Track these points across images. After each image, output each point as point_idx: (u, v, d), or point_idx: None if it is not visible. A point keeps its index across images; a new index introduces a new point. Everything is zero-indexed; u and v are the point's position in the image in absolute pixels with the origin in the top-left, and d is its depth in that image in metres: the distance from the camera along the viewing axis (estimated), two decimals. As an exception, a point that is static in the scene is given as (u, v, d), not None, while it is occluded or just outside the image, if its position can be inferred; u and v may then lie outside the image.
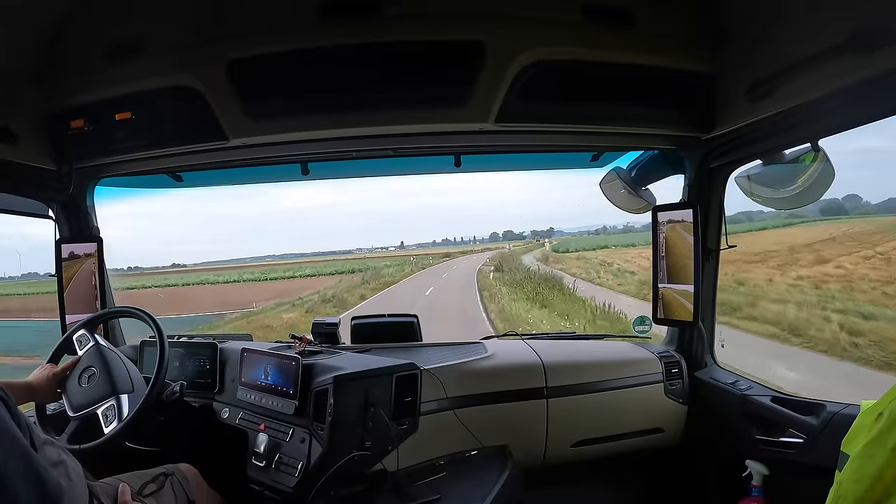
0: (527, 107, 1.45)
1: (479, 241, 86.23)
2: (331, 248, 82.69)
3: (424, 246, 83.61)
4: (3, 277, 22.27)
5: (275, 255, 68.24)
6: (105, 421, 1.37)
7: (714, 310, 1.88)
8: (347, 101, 1.43)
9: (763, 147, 1.49)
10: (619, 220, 50.25)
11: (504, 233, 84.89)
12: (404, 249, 75.70)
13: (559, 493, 1.89)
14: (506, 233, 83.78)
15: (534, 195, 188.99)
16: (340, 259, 54.92)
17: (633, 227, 46.53)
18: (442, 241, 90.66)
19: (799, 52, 1.18)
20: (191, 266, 49.35)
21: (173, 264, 44.45)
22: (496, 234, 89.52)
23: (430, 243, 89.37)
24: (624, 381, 1.84)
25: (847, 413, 1.35)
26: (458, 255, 54.64)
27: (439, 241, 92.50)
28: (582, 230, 60.29)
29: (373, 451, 1.45)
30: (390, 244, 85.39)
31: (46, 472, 0.85)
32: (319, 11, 1.34)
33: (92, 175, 1.81)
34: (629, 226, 48.83)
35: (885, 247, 13.48)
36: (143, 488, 1.24)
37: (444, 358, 1.78)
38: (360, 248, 78.38)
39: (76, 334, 1.53)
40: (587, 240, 42.13)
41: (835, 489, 0.87)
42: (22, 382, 1.36)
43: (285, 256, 65.73)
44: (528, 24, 1.37)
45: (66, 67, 1.47)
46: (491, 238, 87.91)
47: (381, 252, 71.50)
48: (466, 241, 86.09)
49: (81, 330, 1.54)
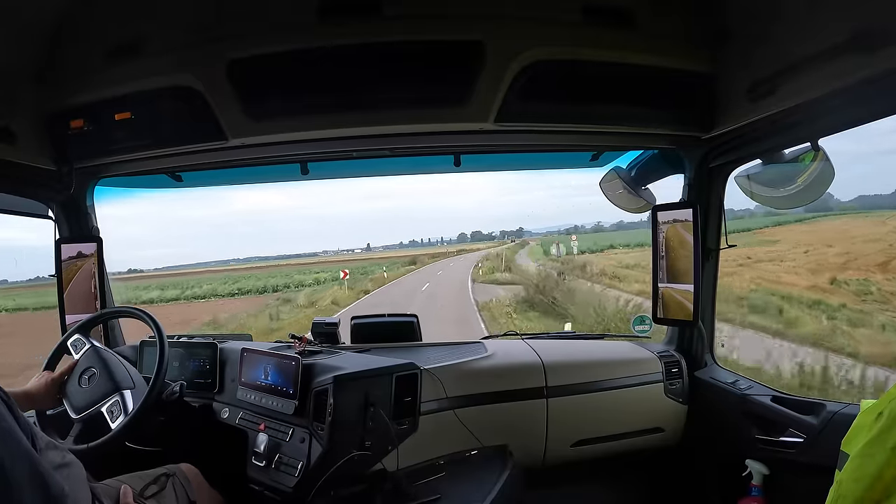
0: (526, 106, 1.45)
1: (447, 241, 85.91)
2: (295, 252, 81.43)
3: (391, 248, 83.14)
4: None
5: (239, 259, 67.05)
6: (111, 417, 1.38)
7: (714, 309, 1.88)
8: (347, 101, 1.43)
9: (763, 146, 1.49)
10: (590, 219, 49.77)
11: (472, 233, 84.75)
12: (370, 252, 74.90)
13: (559, 492, 1.89)
14: (474, 233, 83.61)
15: (506, 196, 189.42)
16: (271, 266, 50.89)
17: (602, 227, 46.38)
18: (409, 243, 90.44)
19: (799, 51, 1.18)
20: (149, 272, 46.28)
21: (130, 270, 42.91)
22: (464, 235, 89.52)
23: (398, 245, 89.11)
24: (624, 380, 1.84)
25: (847, 412, 1.35)
26: (427, 258, 46.30)
27: (406, 242, 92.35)
28: (552, 230, 60.29)
29: (373, 451, 1.45)
30: (356, 246, 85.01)
31: (50, 476, 0.86)
32: (319, 11, 1.34)
33: (92, 175, 1.81)
34: (599, 225, 48.73)
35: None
36: (145, 490, 1.25)
37: (444, 358, 1.78)
38: (325, 250, 77.40)
39: (70, 339, 1.53)
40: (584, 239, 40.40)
41: (835, 488, 0.87)
42: (20, 391, 1.36)
43: (250, 260, 64.66)
44: (528, 23, 1.37)
45: (66, 67, 1.46)
46: (459, 239, 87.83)
47: (345, 255, 70.06)
48: (434, 243, 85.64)
49: (76, 335, 1.53)
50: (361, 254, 72.23)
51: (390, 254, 63.61)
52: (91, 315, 1.67)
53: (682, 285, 1.79)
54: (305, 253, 73.49)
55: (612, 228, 44.31)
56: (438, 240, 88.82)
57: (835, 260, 13.14)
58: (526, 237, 57.45)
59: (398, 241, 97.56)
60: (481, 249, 51.63)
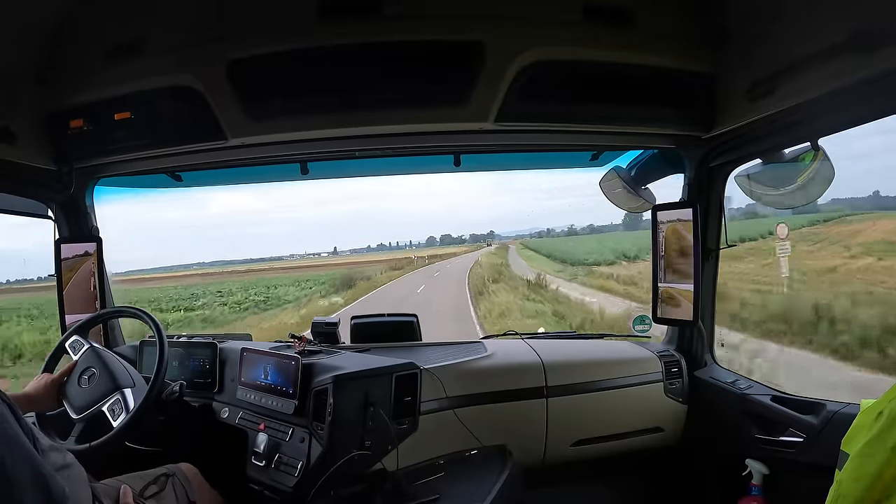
0: (526, 106, 1.45)
1: (416, 245, 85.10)
2: (261, 255, 80.00)
3: (359, 251, 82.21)
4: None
5: (204, 263, 66.08)
6: (112, 415, 1.38)
7: (714, 309, 1.88)
8: (347, 101, 1.43)
9: (763, 146, 1.49)
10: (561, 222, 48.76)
11: (442, 237, 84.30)
12: (337, 256, 73.87)
13: (559, 492, 1.89)
14: (444, 237, 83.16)
15: (475, 200, 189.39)
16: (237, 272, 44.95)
17: (576, 231, 45.75)
18: (377, 246, 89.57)
19: (798, 51, 1.18)
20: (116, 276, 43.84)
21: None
22: (433, 239, 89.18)
23: (365, 248, 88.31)
24: (624, 380, 1.84)
25: (847, 412, 1.35)
26: (382, 266, 36.40)
27: (374, 245, 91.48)
28: (522, 233, 60.02)
29: (372, 451, 1.45)
30: (323, 250, 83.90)
31: (52, 478, 0.86)
32: (319, 11, 1.34)
33: (91, 175, 1.81)
34: (572, 228, 48.16)
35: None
36: (145, 490, 1.25)
37: (444, 357, 1.78)
38: (293, 254, 76.19)
39: (68, 341, 1.53)
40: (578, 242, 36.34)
41: (835, 488, 0.87)
42: (20, 394, 1.37)
43: (215, 264, 63.71)
44: (528, 23, 1.37)
45: (66, 67, 1.46)
46: (428, 242, 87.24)
47: (311, 259, 68.21)
48: (402, 246, 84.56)
49: (73, 336, 1.53)
50: (328, 258, 70.39)
51: (357, 258, 61.12)
52: (89, 316, 1.67)
53: (682, 285, 1.79)
54: (270, 257, 72.24)
55: (584, 231, 43.98)
56: (407, 243, 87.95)
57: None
58: (495, 240, 56.28)
59: (366, 245, 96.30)
60: (458, 254, 47.14)
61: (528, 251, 38.00)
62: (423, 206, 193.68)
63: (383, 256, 55.51)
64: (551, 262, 29.65)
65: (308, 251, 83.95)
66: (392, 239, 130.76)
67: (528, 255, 35.94)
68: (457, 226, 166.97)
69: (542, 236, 46.89)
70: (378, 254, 70.37)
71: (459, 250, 55.00)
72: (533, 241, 45.75)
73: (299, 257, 71.48)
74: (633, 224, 25.97)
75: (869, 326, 7.66)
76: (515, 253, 38.81)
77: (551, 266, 27.17)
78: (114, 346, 1.95)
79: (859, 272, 12.12)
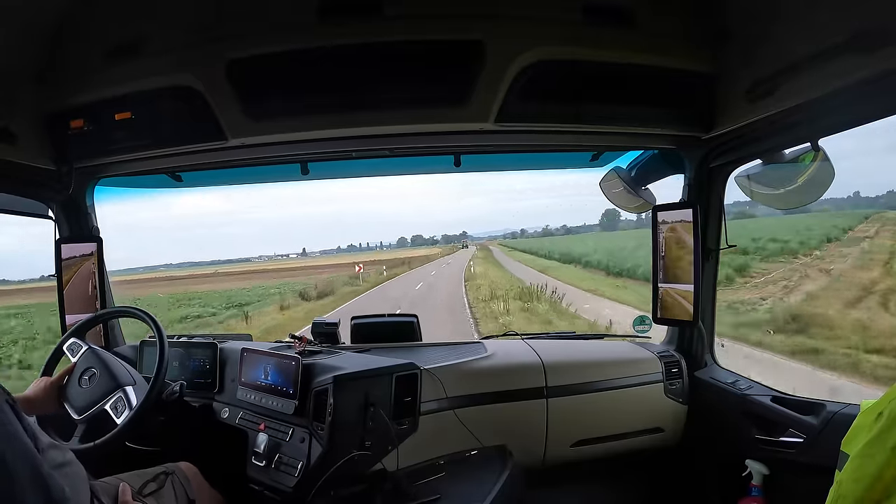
0: (527, 107, 1.45)
1: (387, 246, 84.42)
2: (230, 257, 78.86)
3: (329, 252, 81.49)
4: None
5: (171, 265, 65.73)
6: (115, 412, 1.38)
7: (714, 309, 1.88)
8: (347, 101, 1.43)
9: (763, 146, 1.49)
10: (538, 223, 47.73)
11: (413, 237, 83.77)
12: (307, 258, 72.74)
13: (559, 492, 1.89)
14: (415, 237, 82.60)
15: (447, 201, 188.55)
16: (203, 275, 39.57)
17: (551, 232, 44.84)
18: (347, 248, 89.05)
19: (799, 51, 1.18)
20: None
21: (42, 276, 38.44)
22: (404, 240, 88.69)
23: (335, 250, 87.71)
24: (624, 380, 1.84)
25: (847, 413, 1.35)
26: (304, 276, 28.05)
27: (344, 247, 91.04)
28: (494, 234, 59.62)
29: (373, 451, 1.45)
30: (292, 251, 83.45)
31: (51, 478, 0.86)
32: (319, 11, 1.34)
33: (91, 175, 1.81)
34: (547, 229, 47.39)
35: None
36: (144, 487, 1.25)
37: (444, 358, 1.78)
38: (262, 255, 75.55)
39: (66, 344, 1.53)
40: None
41: (835, 489, 0.87)
42: (20, 397, 1.36)
43: (182, 266, 63.28)
44: (529, 23, 1.37)
45: (66, 67, 1.46)
46: (399, 243, 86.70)
47: (280, 261, 66.59)
48: (373, 247, 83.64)
49: (71, 339, 1.53)
50: (297, 259, 68.42)
51: (327, 260, 57.58)
52: (87, 317, 1.67)
53: (682, 285, 1.79)
54: (239, 259, 71.09)
55: (559, 231, 43.12)
56: (378, 244, 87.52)
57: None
58: (471, 241, 55.16)
59: (336, 246, 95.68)
60: (431, 258, 38.56)
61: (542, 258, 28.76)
62: (394, 207, 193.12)
63: (356, 257, 50.66)
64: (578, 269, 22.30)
65: (277, 252, 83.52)
66: (363, 240, 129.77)
67: (545, 264, 26.33)
68: (428, 226, 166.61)
69: (515, 237, 46.37)
70: (348, 255, 68.99)
71: (432, 252, 49.23)
72: (526, 243, 43.81)
73: (267, 259, 70.58)
74: (611, 225, 25.51)
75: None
76: (502, 254, 31.36)
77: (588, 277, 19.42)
78: (114, 347, 1.95)
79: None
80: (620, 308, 11.99)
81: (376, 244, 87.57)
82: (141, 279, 38.08)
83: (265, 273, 37.31)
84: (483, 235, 62.56)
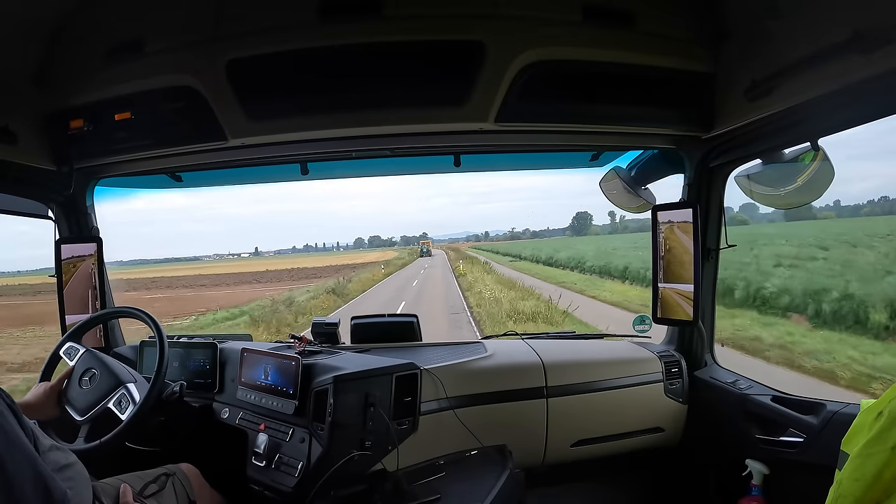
0: (526, 107, 1.44)
1: (344, 247, 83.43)
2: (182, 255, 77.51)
3: (284, 253, 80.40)
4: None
5: (123, 262, 65.21)
6: (119, 409, 1.39)
7: (714, 309, 1.88)
8: (347, 101, 1.43)
9: (763, 146, 1.49)
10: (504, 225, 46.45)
11: (370, 238, 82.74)
12: (260, 257, 71.28)
13: (559, 492, 1.89)
14: (372, 238, 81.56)
15: (406, 203, 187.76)
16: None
17: (519, 235, 43.63)
18: (304, 248, 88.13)
19: (799, 51, 1.18)
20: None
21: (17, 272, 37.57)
22: (361, 241, 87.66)
23: (290, 249, 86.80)
24: (624, 380, 1.84)
25: (847, 412, 1.35)
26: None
27: (300, 247, 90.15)
28: (456, 237, 58.93)
29: (373, 451, 1.45)
30: (244, 251, 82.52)
31: (52, 480, 0.86)
32: (319, 11, 1.34)
33: (92, 175, 1.81)
34: (514, 232, 46.40)
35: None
36: (145, 489, 1.25)
37: (444, 358, 1.78)
38: (217, 253, 74.47)
39: (62, 348, 1.52)
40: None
41: (835, 488, 0.87)
42: (20, 403, 1.36)
43: (133, 263, 62.92)
44: (528, 23, 1.37)
45: (66, 68, 1.47)
46: (356, 244, 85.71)
47: (232, 261, 64.51)
48: (329, 248, 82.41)
49: (68, 343, 1.53)
50: (249, 259, 66.42)
51: (280, 262, 52.73)
52: (84, 319, 1.65)
53: (682, 285, 1.79)
54: (188, 257, 69.98)
55: (527, 235, 42.08)
56: (334, 245, 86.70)
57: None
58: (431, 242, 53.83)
59: (291, 246, 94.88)
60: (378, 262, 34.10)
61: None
62: (352, 207, 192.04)
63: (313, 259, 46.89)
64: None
65: (231, 251, 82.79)
66: (319, 240, 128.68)
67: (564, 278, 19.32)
68: (387, 227, 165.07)
69: (479, 240, 45.76)
70: (304, 256, 67.21)
71: (388, 255, 42.38)
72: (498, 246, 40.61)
73: (218, 258, 69.51)
74: (580, 228, 24.76)
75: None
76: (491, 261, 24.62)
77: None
78: (114, 347, 1.95)
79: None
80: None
81: (333, 244, 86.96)
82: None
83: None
84: (444, 238, 62.16)
